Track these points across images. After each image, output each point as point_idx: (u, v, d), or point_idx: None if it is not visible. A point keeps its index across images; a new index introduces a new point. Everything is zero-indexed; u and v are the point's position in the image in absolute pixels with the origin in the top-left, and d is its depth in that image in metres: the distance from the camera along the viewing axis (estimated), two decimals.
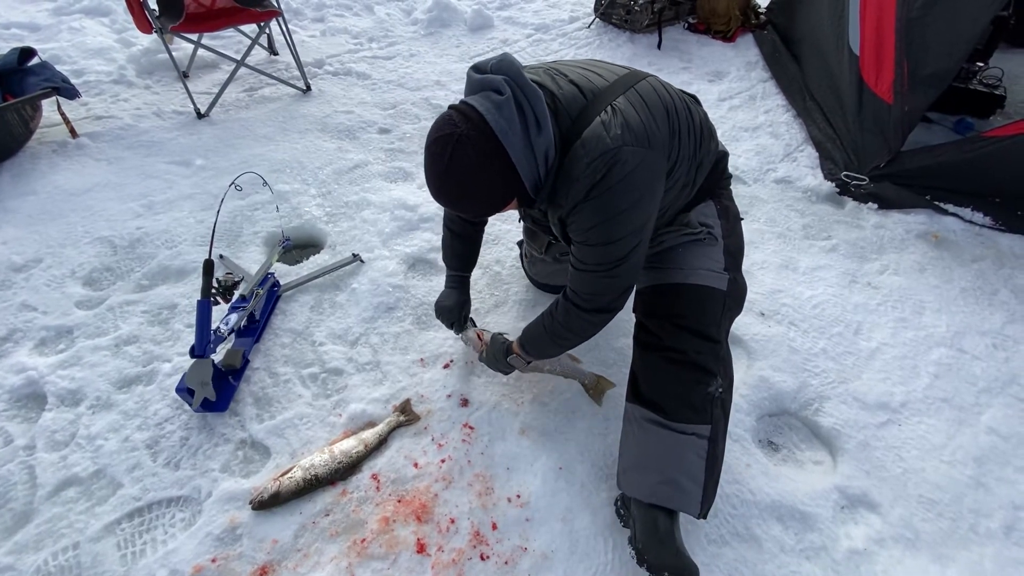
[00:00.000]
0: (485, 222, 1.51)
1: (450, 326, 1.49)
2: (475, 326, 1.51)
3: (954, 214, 2.13)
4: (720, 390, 1.14)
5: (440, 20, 3.49)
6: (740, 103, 2.80)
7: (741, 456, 1.36)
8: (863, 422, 1.45)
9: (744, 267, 1.83)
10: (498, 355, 1.35)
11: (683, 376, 1.13)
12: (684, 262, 1.19)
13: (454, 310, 1.45)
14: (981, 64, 2.84)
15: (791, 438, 1.46)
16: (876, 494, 1.31)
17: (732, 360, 1.22)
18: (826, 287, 1.82)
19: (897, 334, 1.68)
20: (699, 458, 1.10)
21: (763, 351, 1.60)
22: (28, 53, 2.40)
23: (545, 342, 1.24)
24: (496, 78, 0.94)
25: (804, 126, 2.63)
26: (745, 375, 1.54)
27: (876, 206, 2.18)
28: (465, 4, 3.63)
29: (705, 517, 1.14)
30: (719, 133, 2.54)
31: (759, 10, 3.55)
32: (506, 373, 1.42)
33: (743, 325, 1.66)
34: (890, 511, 1.29)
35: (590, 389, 1.44)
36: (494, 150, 0.93)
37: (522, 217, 1.45)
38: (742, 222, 1.33)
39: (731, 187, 1.37)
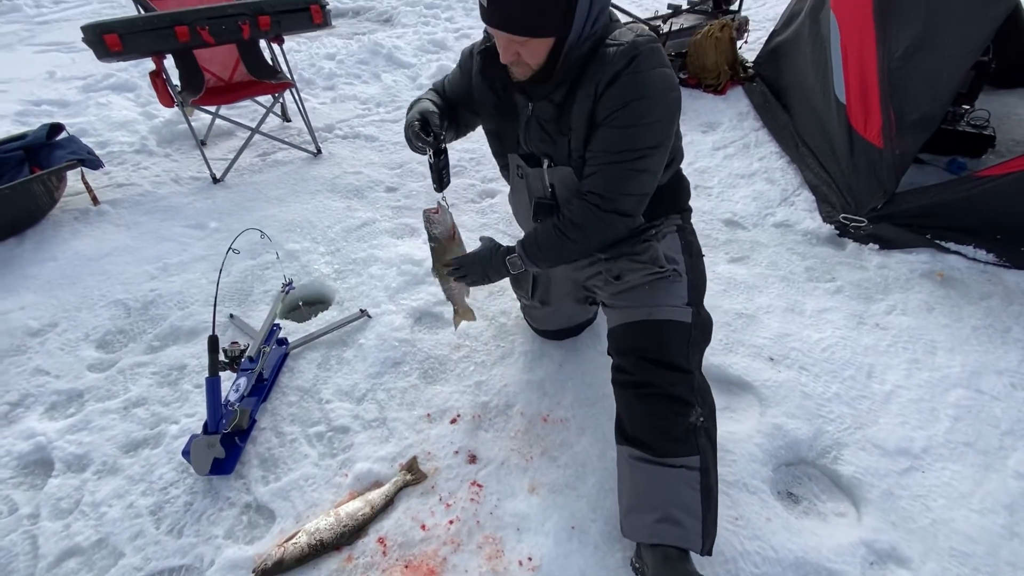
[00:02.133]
0: (462, 120, 1.36)
1: (417, 149, 1.23)
2: (444, 153, 1.22)
3: (956, 252, 2.13)
4: (701, 419, 1.13)
5: None
6: (734, 151, 2.88)
7: (761, 510, 1.31)
8: (885, 469, 1.40)
9: (749, 311, 1.87)
10: (493, 256, 1.24)
11: (659, 409, 1.12)
12: (650, 300, 1.21)
13: (413, 121, 1.17)
14: (967, 107, 2.93)
15: (811, 489, 1.41)
16: (905, 548, 1.25)
17: (710, 390, 1.23)
18: (834, 329, 1.81)
19: (911, 376, 1.65)
20: (693, 490, 1.08)
21: (775, 397, 1.57)
22: (56, 128, 2.55)
23: (554, 243, 1.16)
24: None
25: (799, 171, 2.69)
26: (758, 423, 1.51)
27: (877, 247, 2.20)
28: None
29: (710, 553, 1.08)
30: (715, 181, 2.64)
31: (746, 64, 3.72)
32: (491, 281, 1.29)
33: (752, 371, 1.65)
34: (922, 566, 1.22)
35: (459, 316, 1.47)
36: None
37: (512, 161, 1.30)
38: (703, 258, 1.37)
39: (718, 232, 1.42)
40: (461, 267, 1.28)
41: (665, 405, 1.12)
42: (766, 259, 2.15)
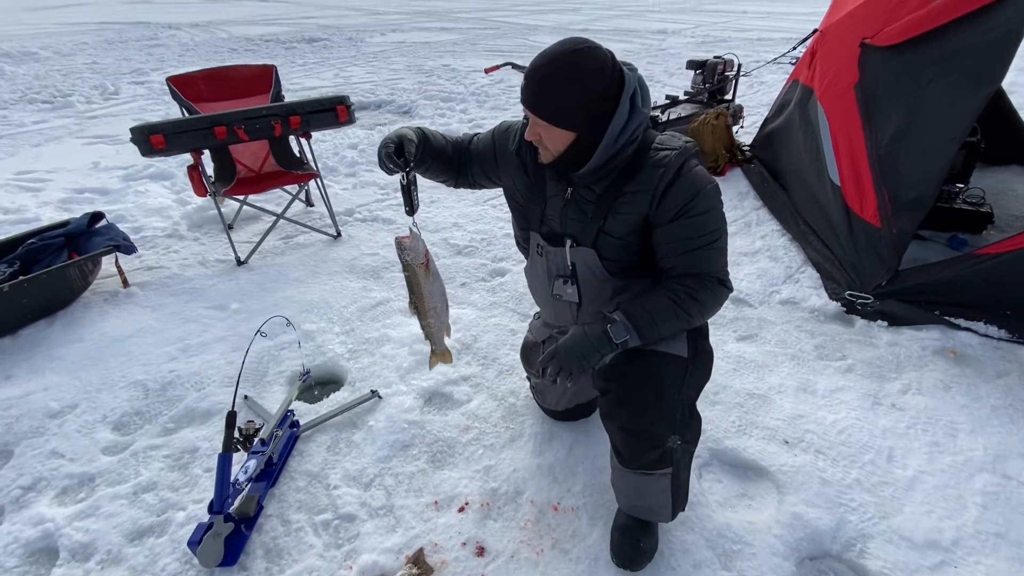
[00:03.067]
0: (460, 169, 1.40)
1: (388, 170, 1.20)
2: (413, 180, 1.21)
3: (967, 328, 2.13)
4: (679, 442, 1.23)
5: None
6: (736, 230, 2.97)
7: None
8: (915, 564, 1.32)
9: (761, 392, 1.86)
10: (585, 336, 1.12)
11: (637, 445, 1.22)
12: None
13: (388, 143, 1.18)
14: (961, 185, 3.03)
15: None
16: None
17: (700, 421, 1.30)
18: (849, 410, 1.78)
19: (934, 460, 1.60)
20: (664, 490, 1.27)
21: (792, 484, 1.53)
22: (97, 217, 2.74)
23: (670, 316, 1.12)
24: (628, 63, 1.12)
25: (801, 249, 2.75)
26: (777, 512, 1.46)
27: (886, 323, 2.20)
28: None
29: (675, 517, 1.34)
30: None
31: (743, 147, 3.92)
32: (590, 365, 1.13)
33: (768, 455, 1.61)
34: None
35: (436, 356, 1.39)
36: (615, 78, 1.06)
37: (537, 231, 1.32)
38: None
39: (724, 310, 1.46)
40: (552, 363, 1.14)
41: (644, 441, 1.22)
42: (775, 337, 2.16)
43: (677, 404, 1.21)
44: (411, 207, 1.24)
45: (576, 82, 1.03)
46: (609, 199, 1.17)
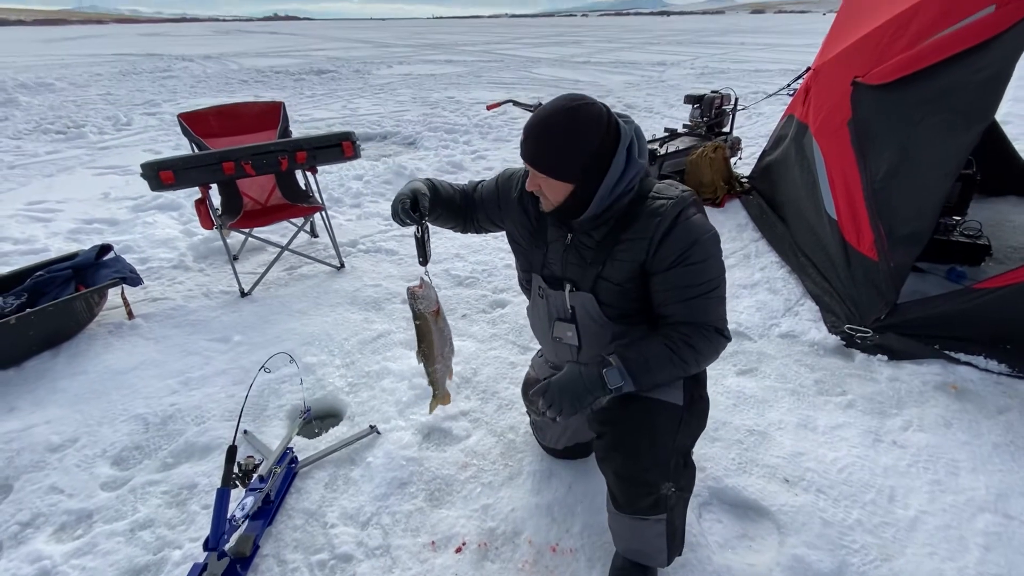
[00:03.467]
0: (469, 217, 1.46)
1: (401, 222, 1.24)
2: (427, 229, 1.26)
3: (968, 363, 2.13)
4: (673, 490, 1.23)
5: None
6: (735, 262, 3.00)
7: None
8: None
9: (761, 428, 1.85)
10: (581, 377, 1.12)
11: (631, 491, 1.23)
12: None
13: (403, 197, 1.23)
14: (958, 217, 3.06)
15: None
16: None
17: (694, 470, 1.31)
18: (850, 448, 1.77)
19: (935, 499, 1.58)
20: (659, 536, 1.27)
21: (793, 524, 1.51)
22: (105, 249, 2.79)
23: (665, 363, 1.12)
24: (625, 116, 1.16)
25: (800, 281, 2.77)
26: (778, 554, 1.44)
27: (886, 358, 2.20)
28: None
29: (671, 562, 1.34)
30: None
31: (741, 178, 3.98)
32: (583, 407, 1.12)
33: (768, 494, 1.60)
34: None
35: (437, 400, 1.39)
36: (610, 132, 1.09)
37: (538, 272, 1.35)
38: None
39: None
40: (544, 397, 1.14)
41: (635, 489, 1.23)
42: (774, 371, 2.16)
43: (671, 452, 1.21)
44: (425, 258, 1.29)
45: (572, 137, 1.07)
46: (607, 246, 1.20)
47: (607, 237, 1.20)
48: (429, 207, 1.27)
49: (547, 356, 1.58)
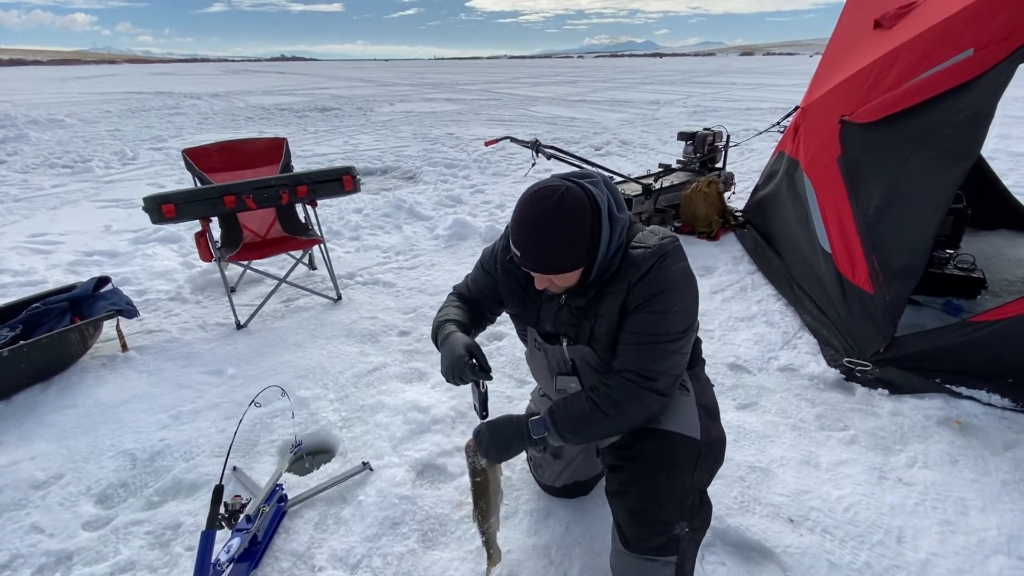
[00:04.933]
0: (484, 321, 1.51)
1: (462, 381, 1.24)
2: (485, 382, 1.26)
3: (969, 396, 2.10)
4: (687, 530, 1.18)
5: (459, 235, 4.03)
6: (732, 295, 3.00)
7: None
8: None
9: (763, 464, 1.81)
10: (511, 423, 1.19)
11: (643, 529, 1.18)
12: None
13: (464, 356, 1.22)
14: (951, 251, 3.09)
15: None
16: None
17: (711, 509, 1.25)
18: (855, 485, 1.73)
19: (946, 541, 1.53)
20: None
21: (799, 567, 1.46)
22: (103, 281, 2.80)
23: (587, 415, 1.14)
24: (588, 171, 1.18)
25: (797, 314, 2.77)
26: None
27: (887, 391, 2.17)
28: (480, 220, 4.22)
29: None
30: (715, 324, 2.72)
31: (736, 212, 4.04)
32: (509, 454, 1.18)
33: (772, 535, 1.55)
34: None
35: (491, 558, 1.31)
36: (592, 208, 1.10)
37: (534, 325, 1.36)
38: (714, 387, 1.43)
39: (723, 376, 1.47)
40: (476, 438, 1.21)
41: (650, 525, 1.17)
42: (775, 406, 2.13)
43: (689, 489, 1.18)
44: (485, 412, 1.30)
45: (569, 231, 1.08)
46: (596, 301, 1.21)
47: (597, 293, 1.21)
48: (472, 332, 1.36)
49: (549, 393, 1.56)
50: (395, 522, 1.64)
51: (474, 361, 1.22)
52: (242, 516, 1.49)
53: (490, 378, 1.25)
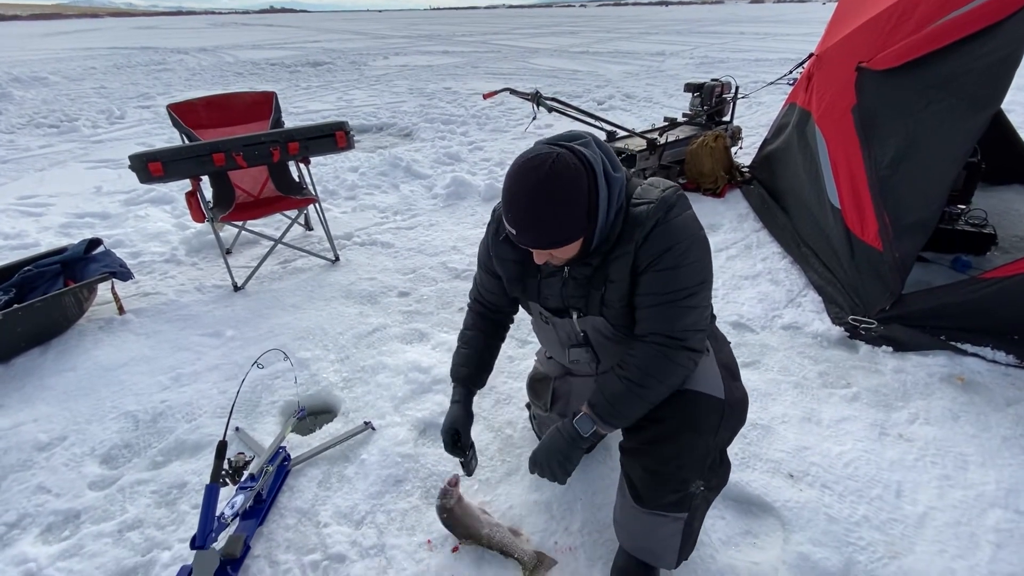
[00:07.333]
0: (507, 328, 1.50)
1: (449, 451, 1.38)
2: (474, 458, 1.43)
3: (974, 354, 2.08)
4: (702, 488, 1.19)
5: (457, 194, 3.93)
6: (737, 252, 2.95)
7: None
8: None
9: (764, 422, 1.81)
10: (559, 434, 1.16)
11: (659, 487, 1.17)
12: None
13: (449, 431, 1.36)
14: (963, 206, 3.01)
15: None
16: None
17: (729, 468, 1.27)
18: (855, 441, 1.73)
19: (944, 495, 1.54)
20: (674, 535, 1.21)
21: (798, 521, 1.47)
22: (95, 243, 2.74)
23: (627, 396, 1.11)
24: (576, 131, 1.10)
25: (802, 272, 2.72)
26: (782, 552, 1.40)
27: (891, 349, 2.16)
28: (479, 179, 4.11)
29: (679, 565, 1.27)
30: (719, 283, 2.68)
31: (742, 168, 3.92)
32: (572, 464, 1.16)
33: (772, 490, 1.56)
34: None
35: (528, 569, 1.34)
36: (587, 172, 1.02)
37: (542, 301, 1.31)
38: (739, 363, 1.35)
39: (726, 335, 1.43)
40: (536, 469, 1.19)
41: (666, 483, 1.17)
42: (777, 364, 2.12)
43: (711, 449, 1.16)
44: (470, 471, 1.43)
45: (565, 200, 1.00)
46: (603, 268, 1.15)
47: (603, 260, 1.15)
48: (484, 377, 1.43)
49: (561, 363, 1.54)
50: (398, 480, 1.66)
51: (448, 440, 1.36)
52: (246, 474, 1.49)
53: (464, 454, 1.39)
